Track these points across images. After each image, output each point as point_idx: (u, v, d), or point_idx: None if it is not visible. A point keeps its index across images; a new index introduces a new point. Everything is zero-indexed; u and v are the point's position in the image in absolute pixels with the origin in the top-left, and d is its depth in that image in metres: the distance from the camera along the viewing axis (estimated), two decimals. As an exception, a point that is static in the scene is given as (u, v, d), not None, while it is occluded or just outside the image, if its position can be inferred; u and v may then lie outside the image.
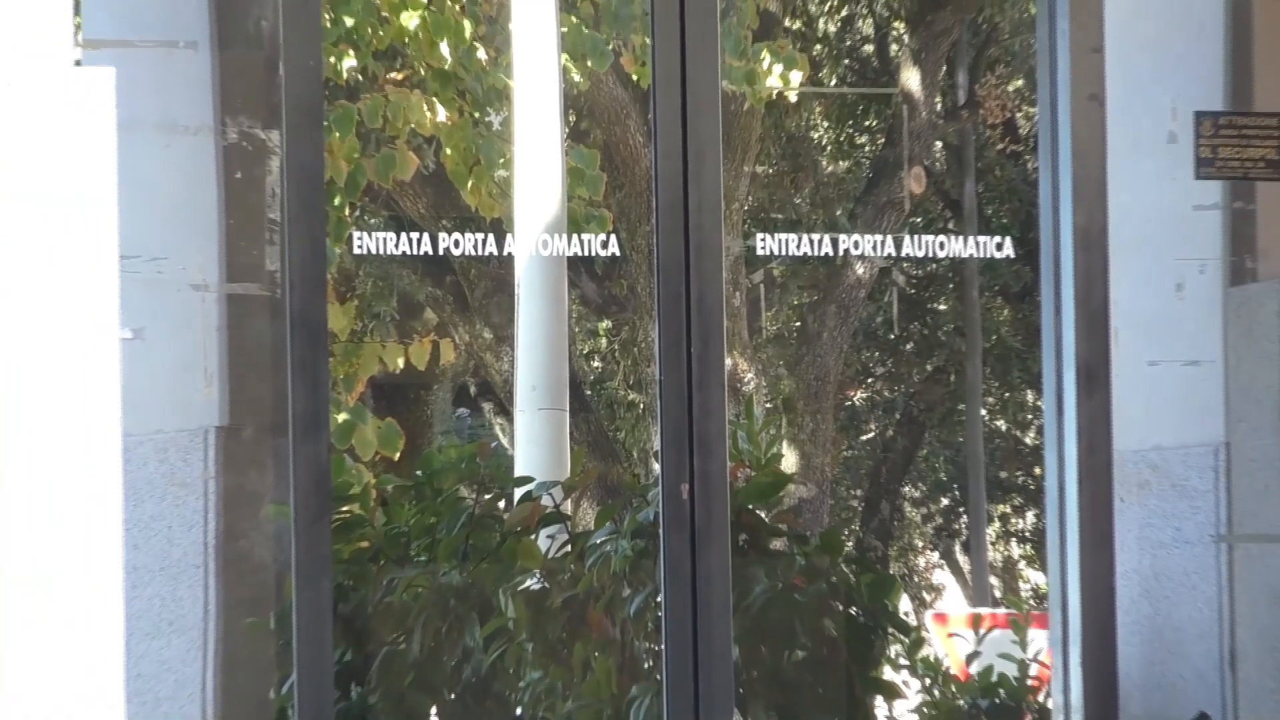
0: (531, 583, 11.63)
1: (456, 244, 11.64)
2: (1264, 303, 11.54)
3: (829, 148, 12.29)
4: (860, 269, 11.60)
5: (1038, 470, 11.21)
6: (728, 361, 10.92)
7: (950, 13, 11.77)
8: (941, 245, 11.99)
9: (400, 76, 11.59)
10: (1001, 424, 11.86)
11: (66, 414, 7.18)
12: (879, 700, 12.05)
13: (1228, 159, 11.44)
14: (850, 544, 11.82)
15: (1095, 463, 11.15)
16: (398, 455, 11.64)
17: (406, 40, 11.49)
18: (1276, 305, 11.49)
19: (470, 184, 11.51)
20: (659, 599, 10.84)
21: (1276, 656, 11.47)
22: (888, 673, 12.04)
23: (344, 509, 11.20)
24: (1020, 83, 11.73)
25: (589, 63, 11.42)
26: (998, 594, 12.24)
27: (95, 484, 7.18)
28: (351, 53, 11.31)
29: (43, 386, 7.18)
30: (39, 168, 7.26)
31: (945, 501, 12.23)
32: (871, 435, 12.11)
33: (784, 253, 11.68)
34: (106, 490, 7.18)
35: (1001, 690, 12.09)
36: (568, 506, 12.00)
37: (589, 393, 11.71)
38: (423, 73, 11.56)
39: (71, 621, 7.17)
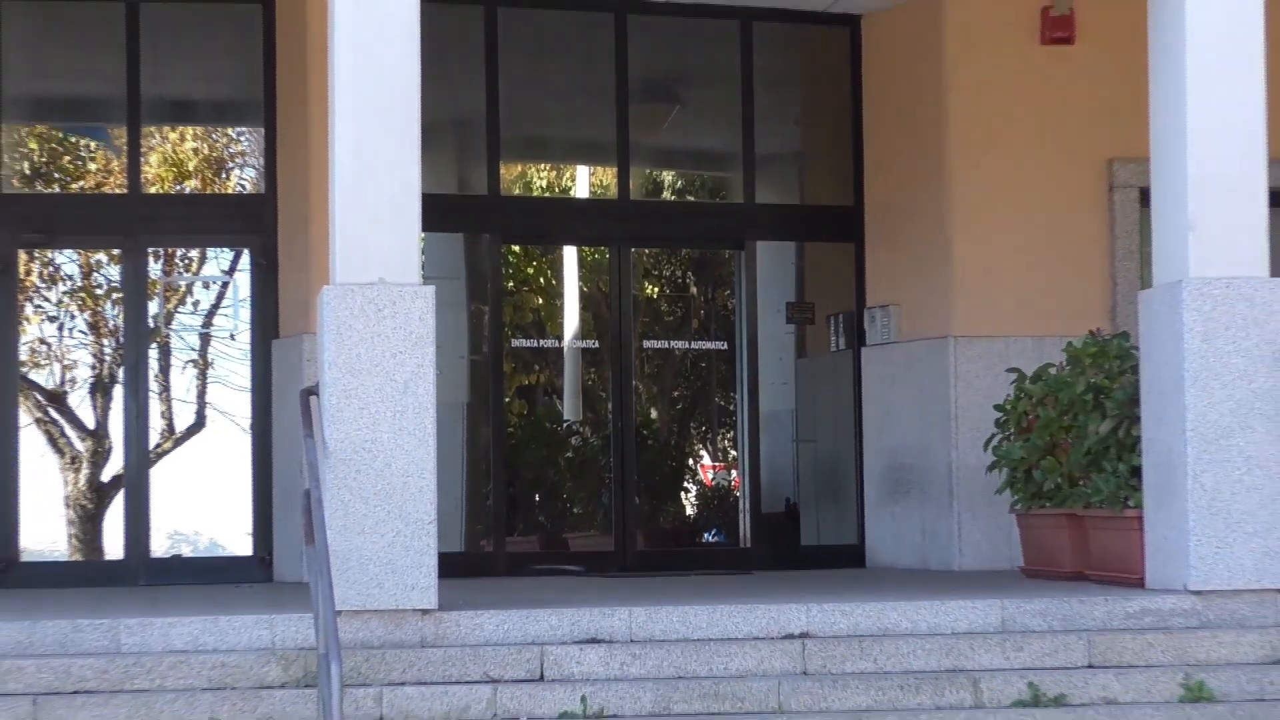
0: (572, 454, 11.22)
1: (543, 342, 11.23)
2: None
3: (665, 324, 11.90)
4: (678, 353, 11.40)
5: (734, 418, 11.16)
6: (634, 383, 10.80)
7: (723, 265, 11.58)
8: (705, 343, 11.38)
9: (530, 289, 11.33)
10: (722, 403, 11.27)
11: (421, 395, 6.88)
12: (683, 495, 11.63)
13: (794, 317, 11.01)
14: (673, 441, 11.59)
15: (756, 417, 10.72)
16: (526, 412, 11.19)
17: (526, 279, 11.39)
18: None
19: (549, 324, 11.21)
20: (613, 459, 10.57)
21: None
22: (687, 483, 11.64)
23: (508, 429, 10.61)
24: (729, 291, 10.93)
25: (589, 285, 11.25)
26: (731, 457, 11.32)
27: (426, 420, 6.89)
28: (511, 281, 11.12)
29: (415, 388, 6.86)
30: (411, 325, 6.95)
31: (704, 429, 11.68)
32: (681, 406, 11.61)
33: (654, 348, 11.25)
34: (429, 423, 6.89)
35: (721, 488, 11.49)
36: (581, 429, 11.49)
37: (587, 392, 11.32)
38: (534, 286, 11.37)
39: (422, 460, 6.89)
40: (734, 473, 11.35)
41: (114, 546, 10.35)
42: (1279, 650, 7.09)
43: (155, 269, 10.37)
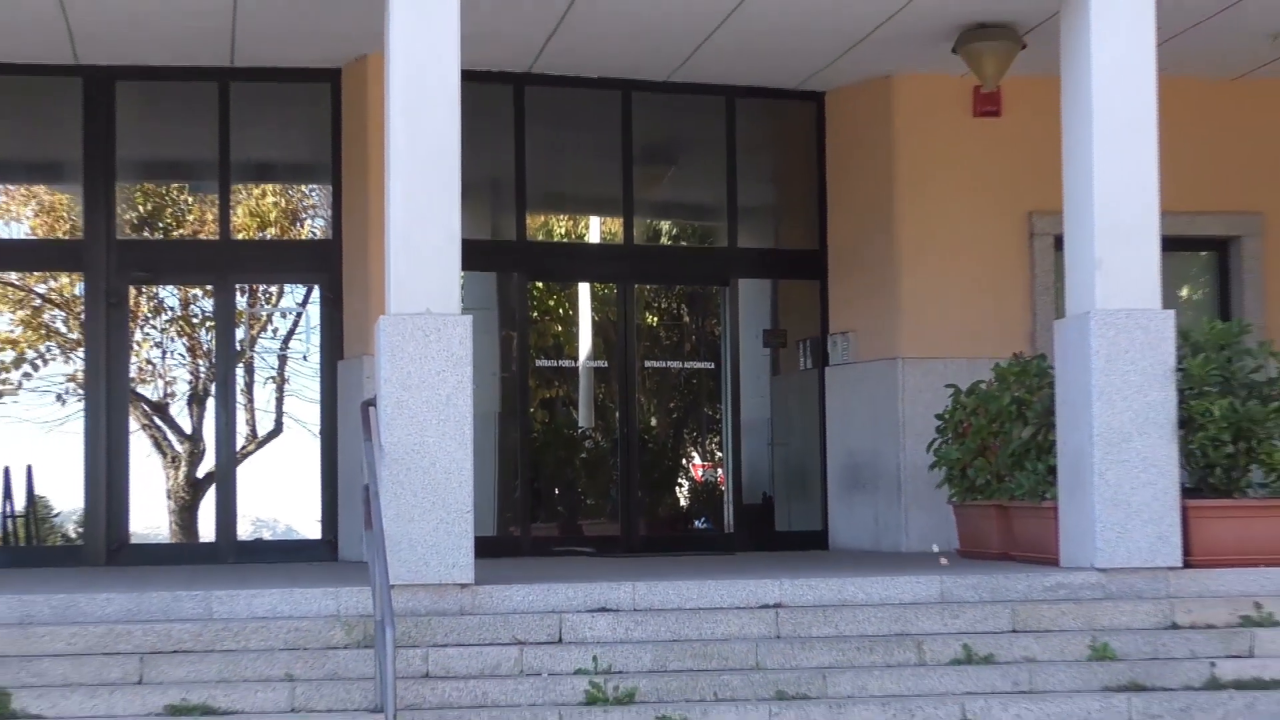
0: (586, 455, 11.11)
1: (561, 362, 11.16)
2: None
3: (663, 347, 11.81)
4: (673, 372, 11.28)
5: (720, 425, 11.10)
6: (637, 396, 10.70)
7: (711, 299, 11.54)
8: (696, 363, 11.29)
9: (550, 318, 11.23)
10: (709, 413, 11.18)
11: (461, 406, 6.86)
12: (677, 490, 11.51)
13: (769, 341, 10.99)
14: (669, 445, 11.42)
15: (738, 425, 10.65)
16: (547, 420, 11.07)
17: (547, 309, 11.31)
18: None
19: (566, 347, 11.12)
20: (619, 459, 10.40)
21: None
22: (681, 479, 11.54)
23: (532, 434, 10.44)
24: (716, 320, 10.61)
25: (599, 315, 11.12)
26: (717, 458, 11.19)
27: (465, 427, 6.87)
28: (535, 312, 10.99)
29: (456, 400, 6.83)
30: (452, 348, 6.94)
31: (695, 434, 11.43)
32: (675, 415, 11.43)
33: (654, 367, 11.18)
34: (467, 429, 6.88)
35: (709, 483, 11.40)
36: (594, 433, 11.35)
37: (598, 404, 11.21)
38: (554, 316, 11.33)
39: (462, 460, 6.86)
40: (719, 471, 11.28)
41: (207, 531, 10.41)
42: (1169, 618, 7.11)
43: (241, 301, 10.42)
